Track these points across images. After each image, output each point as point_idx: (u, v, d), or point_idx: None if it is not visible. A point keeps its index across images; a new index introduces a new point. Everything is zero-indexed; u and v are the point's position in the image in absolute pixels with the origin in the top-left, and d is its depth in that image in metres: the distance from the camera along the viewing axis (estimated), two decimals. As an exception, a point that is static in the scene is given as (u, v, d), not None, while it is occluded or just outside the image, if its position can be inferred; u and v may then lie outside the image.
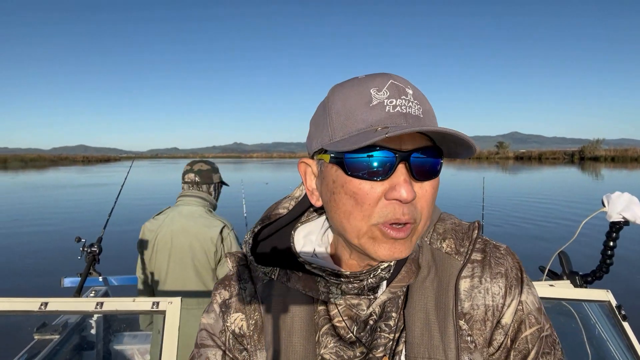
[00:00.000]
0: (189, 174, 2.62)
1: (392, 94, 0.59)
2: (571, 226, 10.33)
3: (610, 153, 79.44)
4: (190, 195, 2.58)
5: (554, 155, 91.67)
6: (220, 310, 0.74)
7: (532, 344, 0.67)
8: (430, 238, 0.72)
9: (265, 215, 0.76)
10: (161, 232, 2.46)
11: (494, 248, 0.72)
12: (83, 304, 1.32)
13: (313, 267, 0.69)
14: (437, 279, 0.68)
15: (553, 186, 25.71)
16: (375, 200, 0.59)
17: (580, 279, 1.74)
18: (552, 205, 15.47)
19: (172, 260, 2.43)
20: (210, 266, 2.44)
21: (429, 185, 0.61)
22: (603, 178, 33.73)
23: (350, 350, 0.67)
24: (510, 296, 0.68)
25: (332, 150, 0.60)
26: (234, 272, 0.76)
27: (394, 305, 0.68)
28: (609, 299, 1.58)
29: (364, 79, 0.62)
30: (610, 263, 1.65)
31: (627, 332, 1.51)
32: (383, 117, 0.58)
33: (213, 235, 2.42)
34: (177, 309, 1.35)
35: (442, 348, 0.64)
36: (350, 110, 0.60)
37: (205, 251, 2.42)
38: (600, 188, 24.02)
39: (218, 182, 2.72)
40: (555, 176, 36.51)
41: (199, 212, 2.51)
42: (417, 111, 0.59)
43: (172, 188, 3.23)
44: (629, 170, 46.25)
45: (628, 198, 1.57)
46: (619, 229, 1.61)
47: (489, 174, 36.39)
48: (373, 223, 0.59)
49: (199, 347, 0.73)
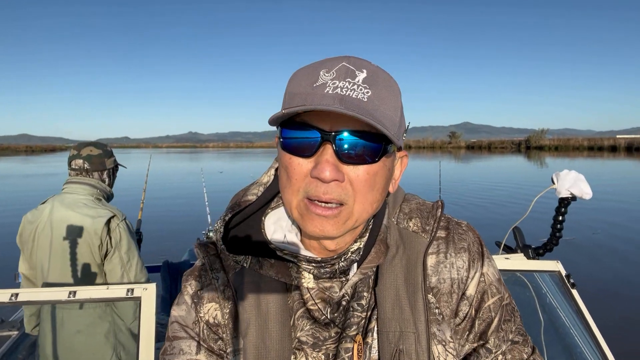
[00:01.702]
0: (76, 159, 2.28)
1: (338, 76, 0.60)
2: (523, 204, 10.97)
3: (554, 142, 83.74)
4: (76, 182, 2.25)
5: (503, 145, 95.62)
6: (192, 301, 0.74)
7: (495, 312, 0.72)
8: (397, 218, 0.75)
9: (235, 203, 0.76)
10: (41, 223, 2.18)
11: (456, 225, 0.77)
12: (55, 294, 1.28)
13: (285, 254, 0.70)
14: (406, 257, 0.71)
15: (504, 172, 26.94)
16: (302, 176, 0.62)
17: (532, 252, 1.87)
18: (503, 189, 16.28)
19: (54, 255, 2.16)
20: (96, 261, 2.16)
21: (362, 169, 0.61)
22: (547, 166, 35.57)
23: (326, 331, 0.70)
24: (473, 269, 0.73)
25: (272, 123, 0.63)
26: (205, 262, 0.75)
27: (365, 285, 0.71)
28: (559, 269, 1.71)
29: (322, 61, 0.64)
30: (559, 236, 1.79)
31: (575, 298, 1.65)
32: (318, 97, 0.58)
33: (97, 227, 2.12)
34: (152, 295, 1.35)
35: (413, 321, 0.67)
36: (296, 89, 0.62)
37: (89, 244, 2.13)
38: (546, 174, 25.36)
39: (112, 167, 2.40)
40: (505, 164, 38.13)
41: (84, 201, 2.21)
42: (361, 95, 0.59)
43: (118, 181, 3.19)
44: (570, 159, 49.00)
45: (575, 175, 1.70)
46: (567, 204, 1.74)
47: (443, 162, 37.58)
48: (300, 198, 0.63)
49: (172, 340, 0.73)
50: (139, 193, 4.27)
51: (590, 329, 1.57)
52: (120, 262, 2.18)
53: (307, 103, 0.58)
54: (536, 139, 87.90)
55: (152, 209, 9.62)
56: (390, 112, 0.61)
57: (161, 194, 14.90)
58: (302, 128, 0.61)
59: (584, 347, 1.60)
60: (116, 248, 2.17)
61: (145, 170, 4.53)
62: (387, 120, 0.60)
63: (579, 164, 36.68)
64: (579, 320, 1.63)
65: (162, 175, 24.45)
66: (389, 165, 0.66)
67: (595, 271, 6.70)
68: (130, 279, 2.20)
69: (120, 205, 2.35)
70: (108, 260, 2.18)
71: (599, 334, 1.55)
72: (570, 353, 1.64)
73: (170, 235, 8.82)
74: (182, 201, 13.71)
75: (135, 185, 5.40)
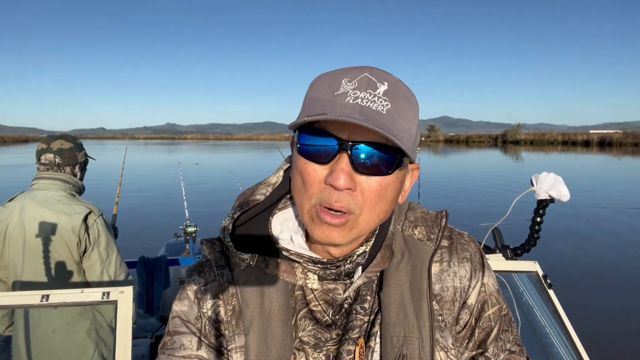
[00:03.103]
0: (47, 154, 2.17)
1: (360, 87, 0.61)
2: (503, 202, 11.14)
3: (530, 137, 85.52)
4: (47, 177, 2.15)
5: (480, 139, 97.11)
6: (195, 297, 0.74)
7: (495, 321, 0.74)
8: (402, 225, 0.77)
9: (243, 201, 0.77)
10: (12, 222, 2.08)
11: (459, 235, 0.79)
12: (27, 297, 1.24)
13: (291, 254, 0.71)
14: (411, 263, 0.72)
15: (482, 168, 27.40)
16: (316, 182, 0.63)
17: (511, 252, 1.90)
18: (482, 187, 16.51)
19: (28, 255, 2.08)
20: (74, 259, 2.10)
21: (375, 180, 0.62)
22: (523, 160, 36.37)
23: (327, 332, 0.71)
24: (475, 279, 0.75)
25: (292, 128, 0.65)
26: (210, 258, 0.75)
27: (368, 289, 0.72)
28: (536, 270, 1.74)
29: (344, 69, 0.65)
30: (537, 237, 1.82)
31: (552, 298, 1.67)
32: (338, 106, 0.59)
33: (75, 224, 2.06)
34: (129, 298, 1.31)
35: (417, 327, 0.69)
36: (317, 96, 0.63)
37: (66, 243, 2.06)
38: (523, 169, 25.92)
39: (84, 160, 2.32)
40: (483, 159, 38.81)
41: (58, 197, 2.12)
42: (381, 107, 0.60)
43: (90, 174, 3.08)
44: (545, 153, 50.23)
45: (553, 178, 1.73)
46: (545, 206, 1.77)
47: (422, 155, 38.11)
48: (312, 204, 0.64)
49: (172, 335, 0.73)
50: (114, 187, 4.18)
51: (566, 329, 1.60)
52: (100, 258, 2.14)
53: (328, 110, 0.60)
54: (512, 134, 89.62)
55: (128, 203, 9.47)
56: (407, 126, 0.62)
57: (137, 186, 14.68)
58: (320, 135, 0.62)
59: (560, 347, 1.63)
60: (95, 245, 2.13)
61: (121, 163, 4.43)
62: (404, 133, 0.61)
63: (553, 158, 37.57)
64: (555, 320, 1.66)
65: (138, 168, 24.02)
66: (401, 178, 0.67)
67: (572, 270, 6.88)
68: (110, 275, 2.17)
69: (94, 199, 2.28)
70: (87, 257, 2.12)
71: (575, 334, 1.58)
72: (547, 353, 1.67)
73: (147, 230, 8.70)
74: (159, 193, 13.52)
75: (110, 178, 5.29)
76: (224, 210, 0.81)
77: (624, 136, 70.56)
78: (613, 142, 67.91)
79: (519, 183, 12.34)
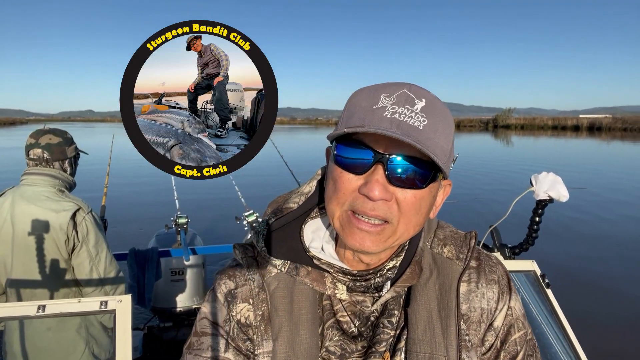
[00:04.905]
0: (35, 149, 2.13)
1: (398, 102, 0.62)
2: (503, 202, 11.18)
3: (520, 121, 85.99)
4: (35, 173, 2.12)
5: (471, 124, 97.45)
6: (225, 300, 0.75)
7: (520, 346, 0.75)
8: (431, 243, 0.78)
9: (277, 209, 0.78)
10: (0, 218, 2.08)
11: (487, 257, 0.80)
12: (23, 309, 1.21)
13: (322, 263, 0.72)
14: (440, 281, 0.73)
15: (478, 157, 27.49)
16: (350, 191, 0.64)
17: (509, 251, 1.90)
18: (481, 183, 16.37)
19: (17, 252, 2.06)
20: (63, 257, 2.08)
21: (410, 193, 0.64)
22: (513, 145, 36.61)
23: (353, 344, 0.72)
24: (502, 302, 0.75)
25: (330, 139, 0.68)
26: (243, 263, 0.76)
27: (396, 303, 0.73)
28: (534, 269, 1.74)
29: (383, 84, 0.67)
30: (535, 236, 1.81)
31: (550, 298, 1.68)
32: (376, 120, 0.61)
33: (62, 221, 2.03)
34: (127, 307, 1.29)
35: (444, 345, 0.69)
36: (356, 109, 0.65)
37: (54, 240, 2.03)
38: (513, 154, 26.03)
39: (74, 155, 2.28)
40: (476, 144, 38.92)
41: (46, 193, 2.09)
42: (418, 123, 0.61)
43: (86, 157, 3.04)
44: (535, 137, 50.55)
45: (553, 178, 1.72)
46: (544, 206, 1.76)
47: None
48: (344, 210, 0.65)
49: (200, 336, 0.74)
50: (103, 175, 4.09)
51: (563, 328, 1.61)
52: (89, 256, 2.12)
53: (366, 124, 0.61)
54: (503, 118, 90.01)
55: (117, 193, 9.33)
56: (442, 142, 0.63)
57: (126, 174, 14.44)
58: (357, 147, 0.63)
59: (558, 347, 1.64)
60: (83, 242, 2.10)
61: (108, 151, 4.34)
62: (439, 149, 0.62)
63: (543, 143, 37.81)
64: (553, 320, 1.67)
65: (127, 154, 23.71)
66: (434, 192, 0.68)
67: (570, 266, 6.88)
68: (100, 273, 2.14)
69: (82, 189, 2.23)
70: (75, 255, 2.10)
71: (572, 333, 1.59)
72: (545, 353, 1.68)
73: (137, 221, 8.59)
74: (148, 180, 13.32)
75: (99, 167, 5.18)
76: (213, 199, 0.78)
77: (613, 121, 71.30)
78: (602, 126, 68.58)
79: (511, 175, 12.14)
